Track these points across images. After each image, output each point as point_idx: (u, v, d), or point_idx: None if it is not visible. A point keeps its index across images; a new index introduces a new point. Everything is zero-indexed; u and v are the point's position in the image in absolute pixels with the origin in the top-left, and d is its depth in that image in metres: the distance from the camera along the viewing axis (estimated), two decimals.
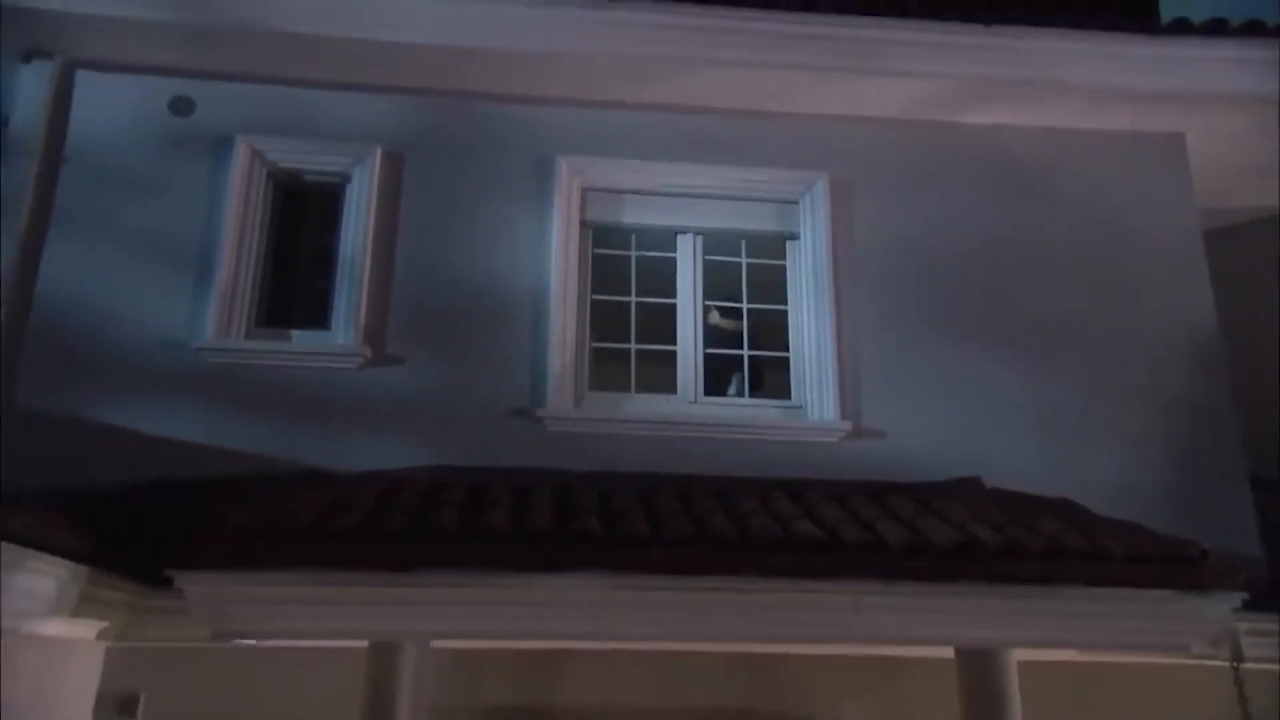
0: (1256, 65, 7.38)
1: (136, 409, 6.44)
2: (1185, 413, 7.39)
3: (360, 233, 7.10)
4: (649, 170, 7.53)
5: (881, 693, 6.92)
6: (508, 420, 6.94)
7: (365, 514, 5.29)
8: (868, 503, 6.12)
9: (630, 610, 5.34)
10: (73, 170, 6.82)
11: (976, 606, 5.37)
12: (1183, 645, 5.59)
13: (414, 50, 7.01)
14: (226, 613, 4.99)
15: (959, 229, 7.69)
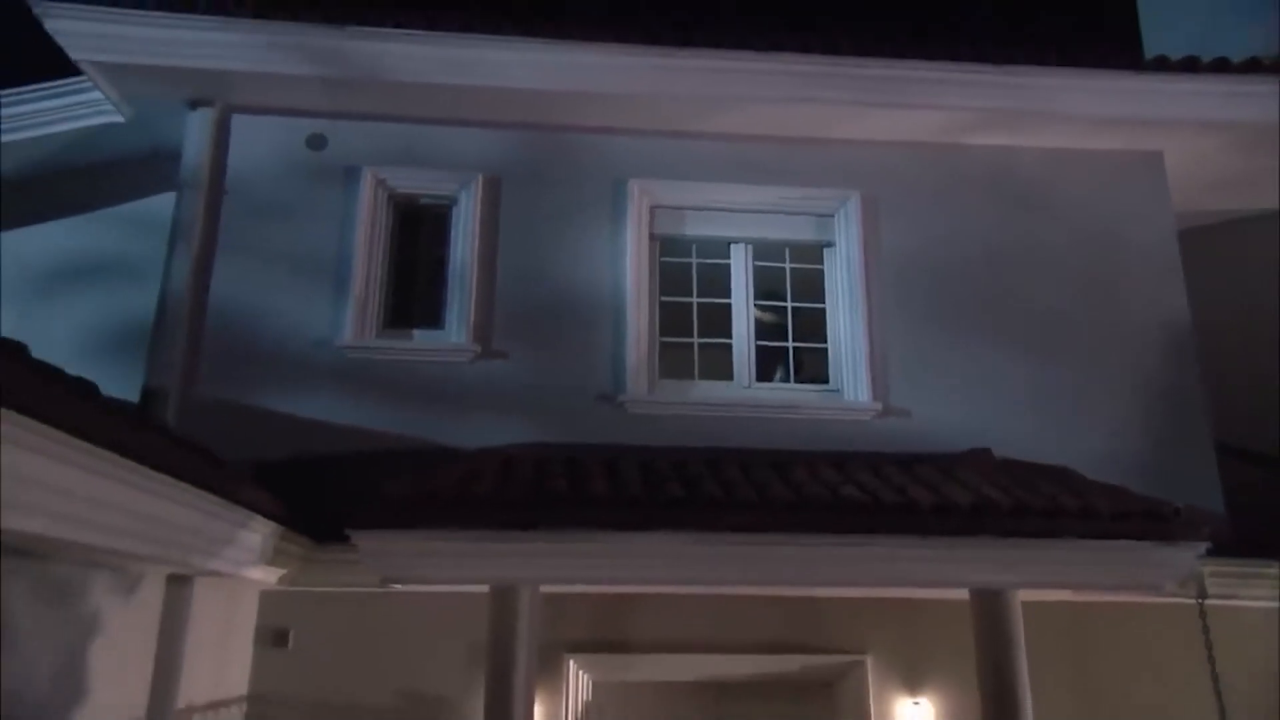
0: (1222, 96, 7.83)
1: (293, 397, 7.02)
2: (1162, 392, 7.81)
3: (467, 247, 7.61)
4: (707, 190, 7.98)
5: (910, 629, 7.38)
6: (594, 404, 7.46)
7: (492, 484, 5.93)
8: (898, 471, 6.62)
9: (706, 562, 5.92)
10: (232, 200, 7.38)
11: (989, 556, 5.93)
12: (1157, 586, 6.11)
13: (510, 93, 7.51)
14: (389, 563, 5.68)
15: (970, 238, 8.08)
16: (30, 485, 3.27)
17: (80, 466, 3.48)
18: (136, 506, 4.04)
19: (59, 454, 3.30)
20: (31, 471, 3.22)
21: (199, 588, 5.83)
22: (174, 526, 4.47)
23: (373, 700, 7.00)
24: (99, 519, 3.82)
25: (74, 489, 3.52)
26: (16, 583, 4.11)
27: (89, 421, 3.34)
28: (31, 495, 3.32)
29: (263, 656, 6.96)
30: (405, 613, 7.04)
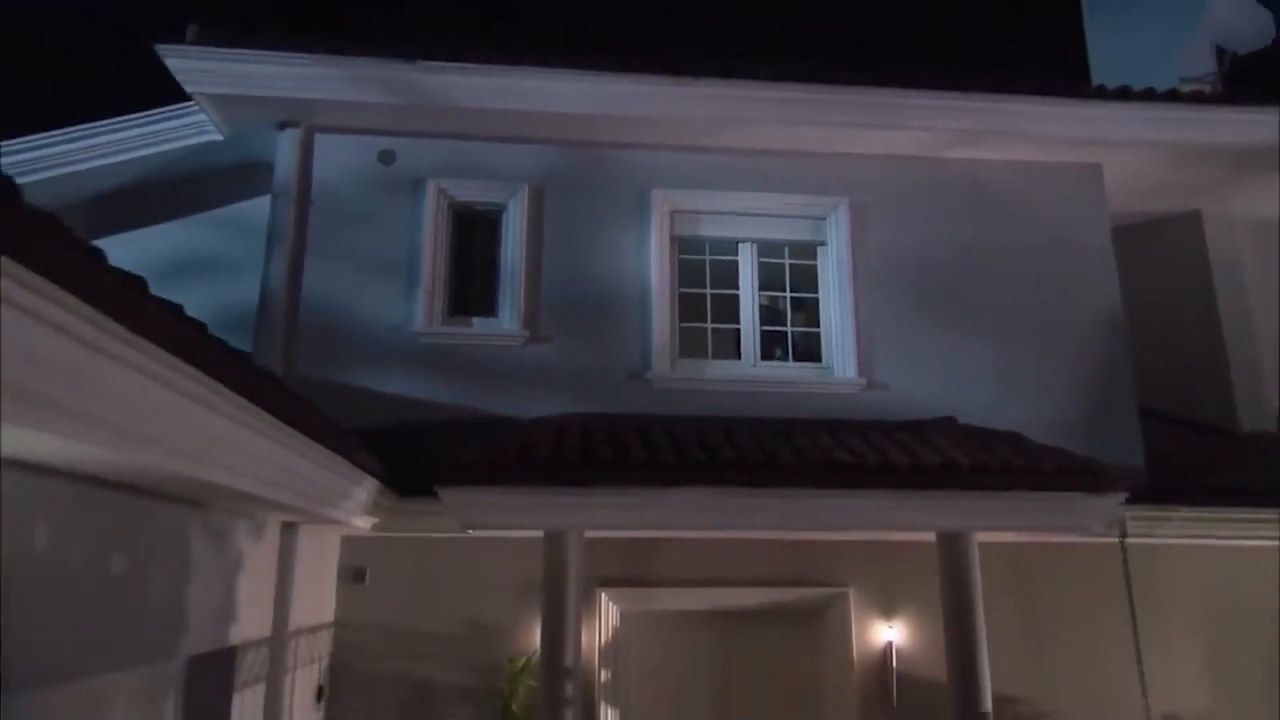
0: (1148, 120, 8.46)
1: (374, 375, 7.65)
2: (1097, 368, 8.43)
3: (516, 247, 8.17)
4: (719, 197, 8.50)
5: (887, 565, 8.04)
6: (625, 380, 8.06)
7: (548, 450, 6.59)
8: (879, 436, 7.26)
9: (722, 511, 6.57)
10: (317, 208, 7.95)
11: (953, 505, 6.56)
12: (1087, 528, 6.82)
13: (552, 115, 8.04)
14: (468, 513, 6.31)
15: (941, 238, 8.62)
16: (239, 452, 4.07)
17: (267, 436, 4.25)
18: (295, 467, 4.85)
19: (257, 427, 4.08)
20: (239, 441, 4.02)
21: (301, 534, 6.65)
22: (314, 483, 5.27)
23: (436, 628, 7.63)
24: (272, 477, 4.62)
25: (264, 455, 4.32)
26: (192, 528, 4.95)
27: (272, 400, 4.09)
28: (238, 460, 4.12)
29: (345, 591, 7.66)
30: (464, 555, 7.66)
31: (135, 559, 4.32)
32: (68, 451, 2.95)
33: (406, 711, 7.54)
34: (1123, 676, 7.60)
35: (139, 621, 4.45)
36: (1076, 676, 7.88)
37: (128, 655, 4.48)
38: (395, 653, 7.62)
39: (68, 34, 10.47)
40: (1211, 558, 8.16)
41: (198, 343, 3.10)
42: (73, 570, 3.76)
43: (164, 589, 4.68)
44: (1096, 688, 7.80)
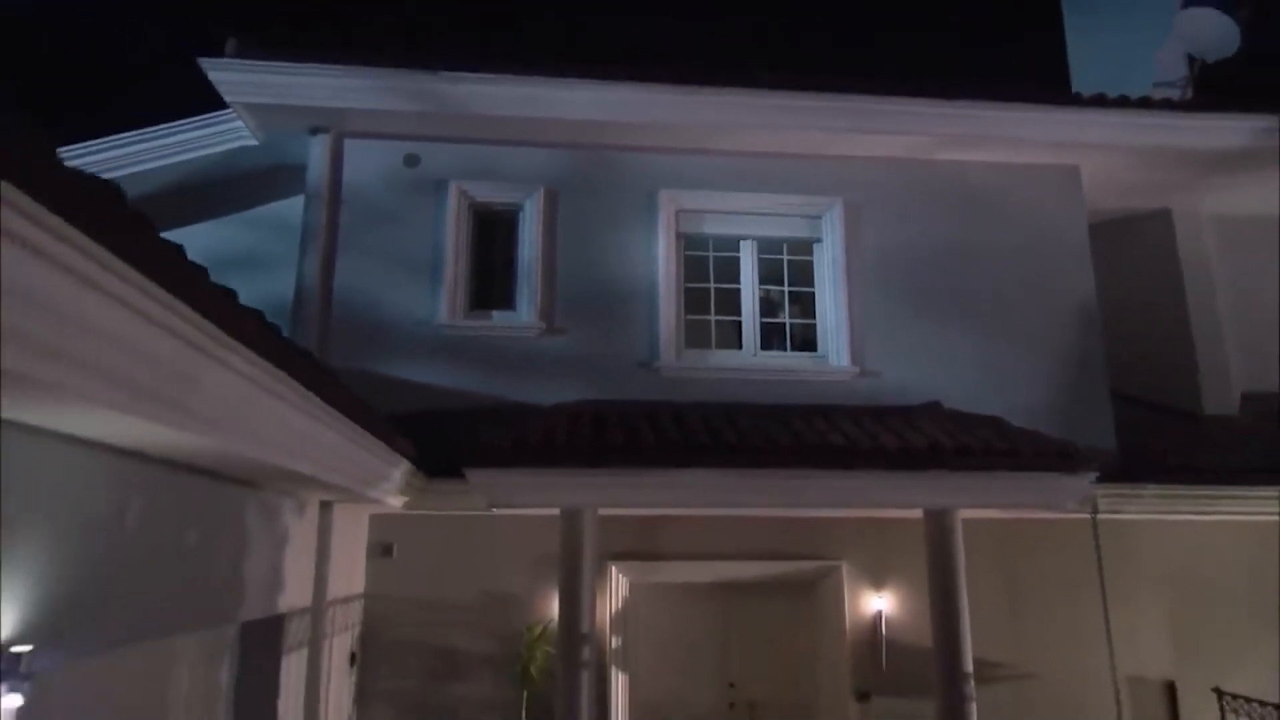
0: (1121, 126, 8.72)
1: (402, 365, 7.93)
2: (1072, 357, 8.71)
3: (532, 244, 8.43)
4: (721, 197, 8.75)
5: (874, 537, 8.33)
6: (635, 369, 8.34)
7: (566, 435, 6.90)
8: (871, 420, 7.55)
9: (725, 491, 6.88)
10: (347, 209, 8.21)
11: (938, 485, 6.88)
12: (1062, 505, 7.16)
13: (566, 121, 8.30)
14: (494, 493, 6.66)
15: (930, 235, 8.87)
16: (309, 441, 4.44)
17: (329, 426, 4.61)
18: (349, 453, 5.22)
19: (323, 419, 4.45)
20: (309, 431, 4.39)
21: (336, 511, 6.99)
22: (362, 466, 5.64)
23: (458, 598, 7.95)
24: (331, 462, 4.99)
25: (326, 443, 4.69)
26: (248, 506, 5.32)
27: (332, 392, 4.45)
28: (307, 448, 4.49)
29: (374, 565, 7.98)
30: (484, 531, 7.96)
31: (205, 533, 4.69)
32: (167, 439, 3.31)
33: (432, 676, 7.85)
34: (1094, 641, 7.93)
35: (207, 588, 4.84)
36: (1052, 642, 8.18)
37: (199, 618, 4.87)
38: (420, 622, 7.91)
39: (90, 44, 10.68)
40: (1176, 532, 8.47)
41: (275, 344, 3.45)
42: (157, 543, 4.14)
43: (227, 560, 5.06)
44: (1070, 652, 8.11)
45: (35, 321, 2.11)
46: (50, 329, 2.20)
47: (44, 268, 2.06)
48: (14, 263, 1.92)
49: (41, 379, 2.24)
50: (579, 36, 11.37)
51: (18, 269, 1.93)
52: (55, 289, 2.13)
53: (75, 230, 2.02)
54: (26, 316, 2.09)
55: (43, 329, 2.16)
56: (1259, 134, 8.73)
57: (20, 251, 1.94)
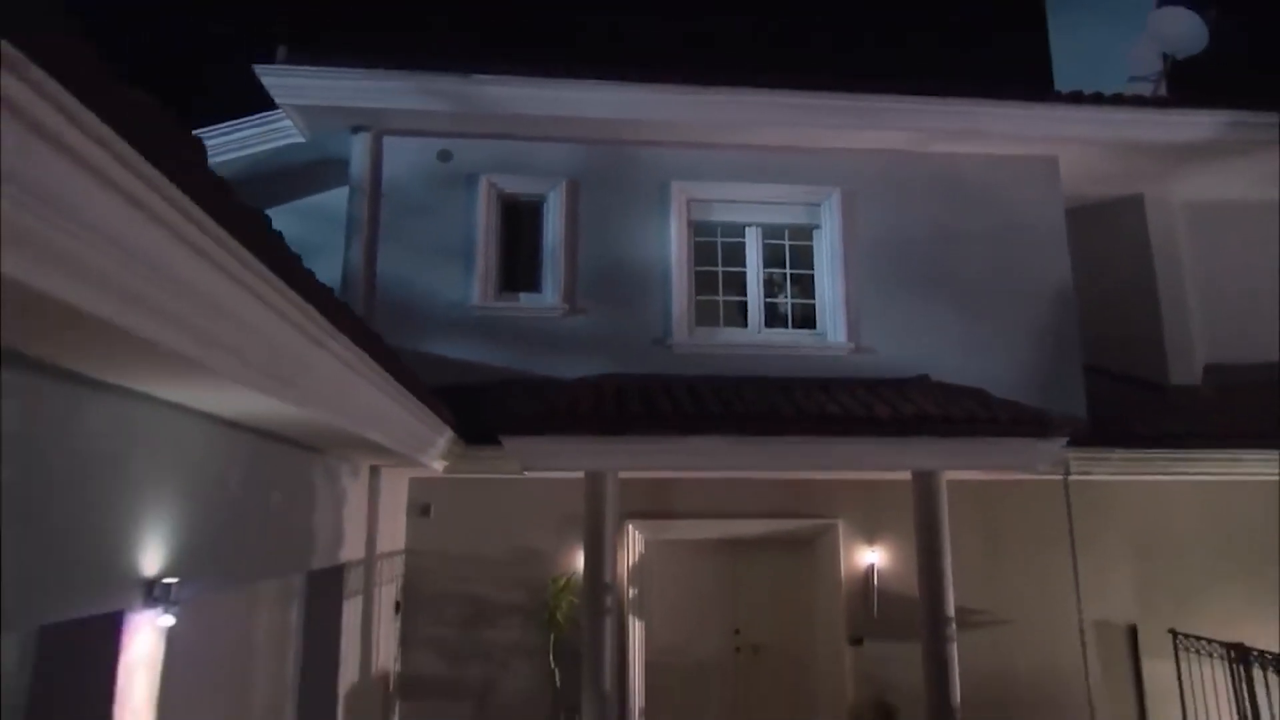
0: (1095, 121, 8.95)
1: (439, 342, 8.31)
2: (1049, 333, 9.04)
3: (556, 232, 8.77)
4: (728, 188, 9.05)
5: (868, 498, 8.70)
6: (651, 346, 8.69)
7: (590, 406, 7.30)
8: (865, 392, 7.93)
9: (733, 455, 7.25)
10: (387, 201, 8.56)
11: (925, 449, 7.26)
12: (1035, 467, 7.59)
13: (586, 119, 8.62)
14: (526, 457, 7.08)
15: (920, 222, 9.14)
16: (382, 414, 4.97)
17: (395, 400, 5.13)
18: (408, 423, 5.74)
19: (393, 395, 4.97)
20: (382, 406, 4.91)
21: (382, 475, 7.49)
22: (416, 435, 6.16)
23: (489, 553, 8.40)
24: (395, 431, 5.52)
25: (392, 415, 5.21)
26: (315, 469, 5.84)
27: (398, 371, 4.96)
28: (380, 420, 5.01)
29: (413, 523, 8.44)
30: (512, 492, 8.41)
31: (285, 493, 5.23)
32: (280, 412, 3.83)
33: (467, 623, 8.34)
34: (1064, 590, 8.37)
35: (289, 540, 5.39)
36: (1026, 591, 8.64)
37: (282, 566, 5.43)
38: (456, 574, 8.38)
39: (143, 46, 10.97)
40: (1140, 492, 8.92)
41: (362, 331, 3.96)
42: (252, 500, 4.68)
43: (301, 516, 5.60)
44: (1042, 600, 8.58)
45: (217, 322, 2.62)
46: (209, 320, 2.70)
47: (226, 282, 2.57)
48: (209, 280, 2.43)
49: (204, 363, 2.76)
50: (596, 39, 11.66)
51: (214, 285, 2.45)
52: (229, 294, 2.65)
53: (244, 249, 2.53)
54: (199, 314, 2.60)
55: (210, 324, 2.67)
56: (1223, 127, 9.07)
57: (211, 268, 2.45)
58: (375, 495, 7.42)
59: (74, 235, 1.90)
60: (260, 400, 3.38)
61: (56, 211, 1.83)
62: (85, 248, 1.94)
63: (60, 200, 1.83)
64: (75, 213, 1.90)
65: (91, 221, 1.95)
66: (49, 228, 1.82)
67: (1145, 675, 8.61)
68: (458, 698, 8.24)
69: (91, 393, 3.02)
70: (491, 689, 8.29)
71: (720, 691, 8.88)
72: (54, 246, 1.86)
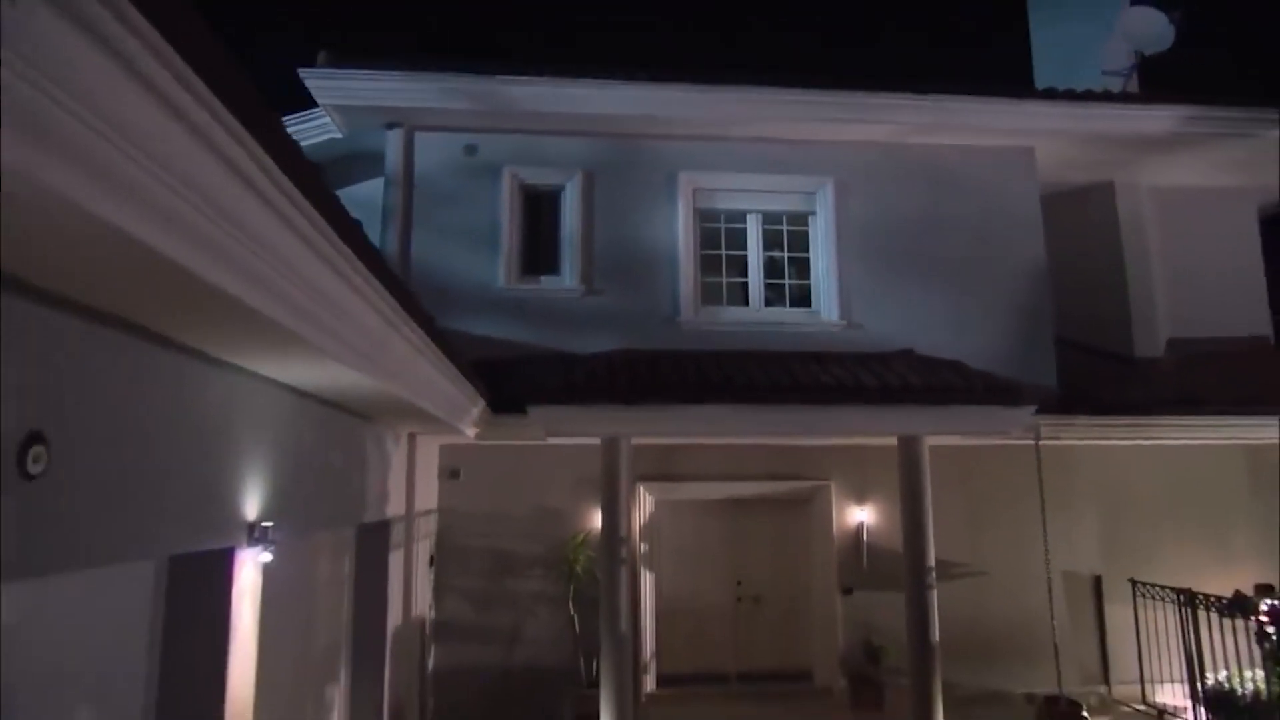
0: (1068, 115, 9.27)
1: (468, 321, 8.67)
2: (1024, 310, 9.43)
3: (573, 219, 9.13)
4: (731, 178, 9.38)
5: (858, 462, 9.19)
6: (661, 323, 9.06)
7: (605, 378, 7.73)
8: (855, 365, 8.32)
9: (736, 422, 7.66)
10: (419, 192, 8.94)
11: (909, 416, 7.66)
12: (1008, 432, 7.93)
13: (600, 115, 8.97)
14: (550, 424, 7.48)
15: (907, 209, 9.49)
16: (432, 385, 5.50)
17: (443, 373, 5.65)
18: (450, 393, 6.27)
19: (443, 369, 5.49)
20: (433, 378, 5.45)
21: (418, 441, 8.03)
22: (456, 404, 6.68)
23: (512, 512, 8.93)
24: (440, 401, 6.04)
25: (440, 386, 5.75)
26: (366, 435, 6.39)
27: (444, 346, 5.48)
28: (430, 390, 5.55)
29: (445, 485, 8.96)
30: (533, 457, 8.91)
31: (343, 454, 5.80)
32: (353, 383, 4.38)
33: (493, 575, 8.90)
34: (1035, 544, 8.86)
35: (347, 496, 5.96)
36: (1001, 545, 9.19)
37: (342, 518, 6.00)
38: (483, 531, 8.90)
39: None
40: (1105, 455, 9.49)
41: (424, 315, 4.50)
42: (320, 460, 5.24)
43: (356, 475, 6.17)
44: (1015, 553, 9.12)
45: (311, 302, 3.16)
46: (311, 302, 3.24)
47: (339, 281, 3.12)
48: (331, 282, 2.98)
49: (311, 341, 3.30)
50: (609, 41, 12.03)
51: (334, 286, 3.00)
52: (341, 291, 3.19)
53: (352, 253, 3.07)
54: (314, 303, 3.14)
55: (329, 316, 3.22)
56: (1186, 120, 9.47)
57: (333, 273, 3.00)
58: (413, 459, 7.96)
59: (256, 254, 2.45)
60: (348, 374, 3.93)
61: (250, 238, 2.39)
62: (257, 260, 2.49)
63: (244, 224, 2.37)
64: (257, 237, 2.45)
65: (265, 240, 2.50)
66: (248, 253, 2.38)
67: (1107, 618, 9.24)
68: (486, 641, 8.81)
69: (210, 369, 3.57)
70: (517, 633, 8.85)
71: (723, 636, 9.40)
72: (252, 268, 2.42)
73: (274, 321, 2.76)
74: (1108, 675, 9.21)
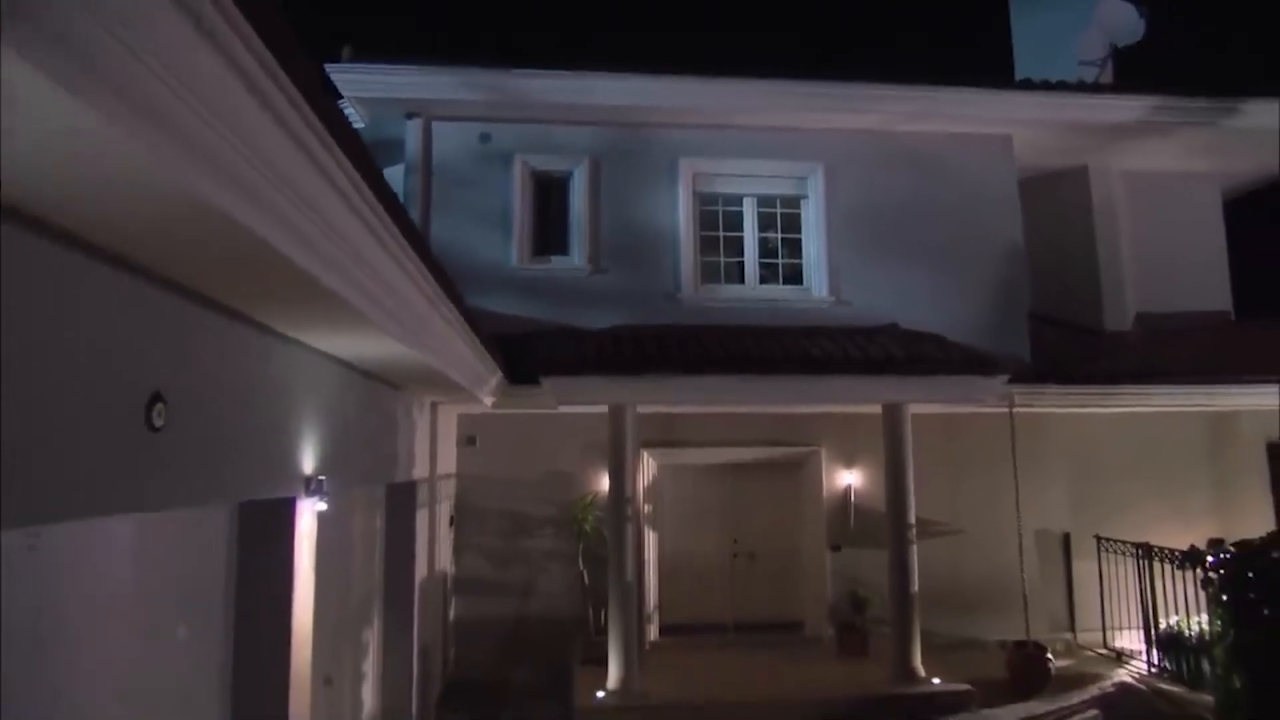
0: (1044, 105, 9.66)
1: (483, 298, 8.96)
2: (1001, 287, 9.82)
3: (581, 203, 9.49)
4: (728, 163, 9.73)
5: (846, 429, 9.60)
6: (664, 299, 9.46)
7: (614, 349, 8.19)
8: (843, 338, 8.69)
9: (733, 392, 8.09)
10: (438, 178, 9.30)
11: (894, 386, 8.07)
12: (983, 400, 8.37)
13: (606, 106, 9.30)
14: (561, 393, 7.88)
15: (893, 193, 9.83)
16: (461, 357, 5.95)
17: (470, 346, 6.10)
18: (474, 365, 6.71)
19: (470, 343, 5.94)
20: (462, 351, 5.90)
21: (439, 409, 8.48)
22: (478, 375, 7.12)
23: (526, 476, 9.36)
24: (466, 372, 6.49)
25: (466, 358, 6.20)
26: (397, 403, 6.84)
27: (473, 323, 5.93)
28: (459, 362, 6.00)
29: (462, 451, 9.40)
30: (546, 425, 9.31)
31: (378, 419, 6.26)
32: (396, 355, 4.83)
33: (508, 534, 9.38)
34: (1008, 504, 9.35)
35: (381, 457, 6.43)
36: (977, 505, 9.66)
37: (377, 477, 6.47)
38: (498, 494, 9.36)
39: None
40: (1074, 421, 9.94)
41: (455, 294, 4.95)
42: (359, 424, 5.70)
43: (386, 439, 6.62)
44: (990, 512, 9.60)
45: (373, 285, 3.60)
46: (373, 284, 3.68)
47: (395, 266, 3.57)
48: (389, 267, 3.43)
49: (374, 319, 3.75)
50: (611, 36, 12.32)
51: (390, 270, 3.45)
52: (395, 273, 3.65)
53: (405, 240, 3.51)
54: (376, 285, 3.59)
55: (385, 295, 3.67)
56: (1155, 110, 9.84)
57: (389, 258, 3.45)
58: (435, 427, 8.41)
59: (333, 242, 2.90)
60: (397, 347, 4.39)
61: (331, 228, 2.84)
62: (335, 248, 2.95)
63: (327, 215, 2.82)
64: (336, 228, 2.90)
65: (342, 229, 2.95)
66: (328, 242, 2.83)
67: (1074, 572, 9.77)
68: (503, 594, 9.31)
69: (277, 343, 4.02)
70: (531, 587, 9.36)
71: (721, 589, 9.89)
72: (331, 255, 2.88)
73: (346, 301, 3.22)
74: (1074, 623, 9.76)
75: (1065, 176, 11.04)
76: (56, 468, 2.32)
